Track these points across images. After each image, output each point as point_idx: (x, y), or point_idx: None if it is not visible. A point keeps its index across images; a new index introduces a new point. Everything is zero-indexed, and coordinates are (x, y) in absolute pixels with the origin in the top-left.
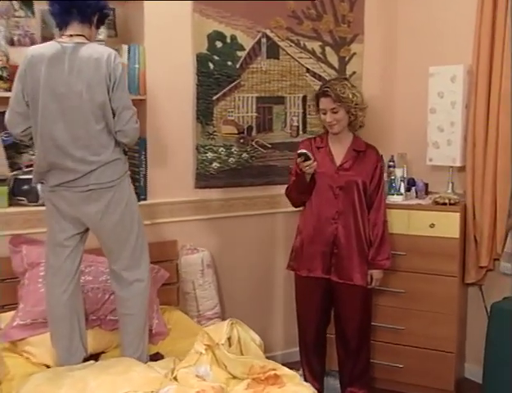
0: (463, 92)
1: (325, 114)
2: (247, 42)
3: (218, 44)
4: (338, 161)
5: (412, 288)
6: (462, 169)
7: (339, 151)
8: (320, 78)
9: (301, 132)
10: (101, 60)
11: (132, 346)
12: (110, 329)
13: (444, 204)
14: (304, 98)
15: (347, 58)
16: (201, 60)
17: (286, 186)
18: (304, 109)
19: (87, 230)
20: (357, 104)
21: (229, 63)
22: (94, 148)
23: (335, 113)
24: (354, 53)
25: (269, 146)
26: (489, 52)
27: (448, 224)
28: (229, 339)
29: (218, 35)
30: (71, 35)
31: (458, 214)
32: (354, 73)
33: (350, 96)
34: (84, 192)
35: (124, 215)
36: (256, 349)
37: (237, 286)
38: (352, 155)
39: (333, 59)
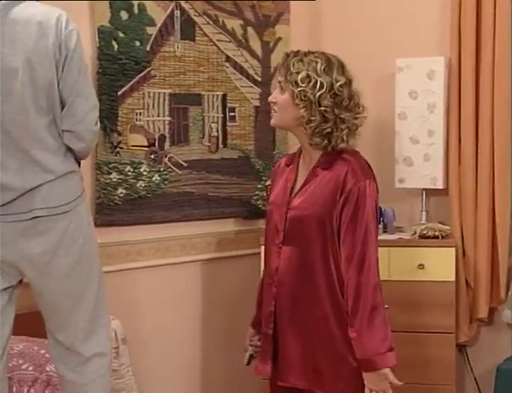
0: (444, 91)
1: None
2: (158, 14)
3: (124, 15)
4: (297, 187)
5: (398, 353)
6: (439, 192)
7: (304, 171)
8: (241, 70)
9: (221, 145)
10: (47, 25)
11: None
12: None
13: (435, 237)
14: (224, 98)
15: (271, 44)
16: (104, 37)
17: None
18: (224, 113)
19: (21, 281)
20: (306, 93)
21: (137, 43)
22: (37, 154)
23: (281, 91)
24: (279, 38)
25: (185, 164)
26: (474, 41)
27: (441, 264)
28: None
29: (124, 3)
30: None
31: (453, 250)
32: None
33: (303, 75)
34: (25, 222)
35: (82, 256)
36: None
37: (153, 367)
38: (312, 178)
39: (256, 45)
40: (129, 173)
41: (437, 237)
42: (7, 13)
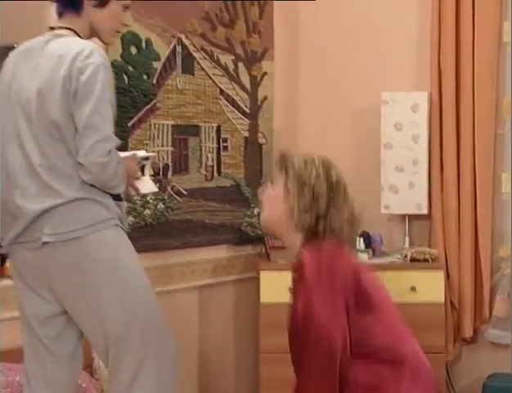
0: (428, 123)
1: None
2: (163, 49)
3: (133, 50)
4: None
5: None
6: (419, 217)
7: None
8: (233, 103)
9: (216, 173)
10: (65, 58)
11: None
12: None
13: (426, 260)
14: (218, 129)
15: (258, 78)
16: (116, 71)
17: None
18: (218, 143)
19: None
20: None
21: (144, 77)
22: (50, 177)
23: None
24: (265, 73)
25: (185, 193)
26: (454, 76)
27: (431, 286)
28: None
29: (134, 38)
30: (52, 28)
31: (442, 273)
32: (266, 98)
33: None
34: (38, 250)
35: (106, 288)
36: None
37: None
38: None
39: (245, 79)
40: (137, 202)
41: (427, 261)
42: (46, 46)
